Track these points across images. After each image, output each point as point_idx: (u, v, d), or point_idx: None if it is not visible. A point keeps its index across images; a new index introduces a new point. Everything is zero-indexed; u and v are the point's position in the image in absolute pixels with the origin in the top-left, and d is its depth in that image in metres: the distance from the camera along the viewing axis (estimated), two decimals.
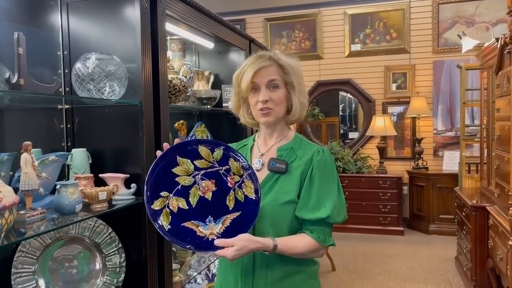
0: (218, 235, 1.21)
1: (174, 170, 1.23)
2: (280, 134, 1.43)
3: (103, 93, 1.63)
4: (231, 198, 1.25)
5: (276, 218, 1.32)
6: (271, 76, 1.35)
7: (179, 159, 1.24)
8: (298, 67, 1.40)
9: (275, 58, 1.37)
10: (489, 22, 5.31)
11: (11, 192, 1.22)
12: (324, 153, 1.37)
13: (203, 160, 1.25)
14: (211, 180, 1.25)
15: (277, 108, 1.36)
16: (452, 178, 5.09)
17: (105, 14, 1.77)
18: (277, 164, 1.36)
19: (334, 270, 4.16)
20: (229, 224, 1.23)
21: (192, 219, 1.22)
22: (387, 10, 5.81)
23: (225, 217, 1.24)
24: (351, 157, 5.73)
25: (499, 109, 3.05)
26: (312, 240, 1.31)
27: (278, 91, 1.36)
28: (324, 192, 1.33)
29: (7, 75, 1.34)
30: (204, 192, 1.23)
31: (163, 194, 1.19)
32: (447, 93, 5.64)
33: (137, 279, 1.74)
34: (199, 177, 1.24)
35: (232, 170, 1.28)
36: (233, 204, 1.25)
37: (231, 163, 1.28)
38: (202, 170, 1.25)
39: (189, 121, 2.86)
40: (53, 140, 1.83)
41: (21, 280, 1.54)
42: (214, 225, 1.22)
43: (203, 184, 1.24)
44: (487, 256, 3.31)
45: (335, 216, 1.33)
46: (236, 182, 1.27)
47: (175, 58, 2.41)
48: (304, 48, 6.18)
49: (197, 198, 1.22)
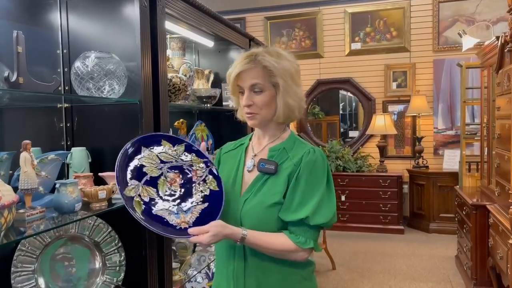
0: (189, 224, 1.25)
1: (141, 161, 1.28)
2: (273, 134, 1.40)
3: (102, 91, 1.63)
4: (197, 190, 1.31)
5: (262, 220, 1.30)
6: (253, 80, 1.31)
7: (145, 150, 1.30)
8: (286, 67, 1.32)
9: (259, 59, 1.31)
10: (489, 21, 5.30)
11: (11, 191, 1.22)
12: (315, 154, 1.33)
13: (167, 154, 1.32)
14: (177, 173, 1.31)
15: (262, 111, 1.33)
16: (453, 176, 5.08)
17: (105, 13, 1.77)
18: (266, 165, 1.33)
19: (335, 269, 4.16)
20: (198, 214, 1.28)
21: (163, 208, 1.26)
22: (387, 9, 5.81)
23: (193, 207, 1.28)
24: (352, 156, 5.73)
25: (500, 108, 3.04)
26: (289, 240, 1.28)
27: (262, 94, 1.32)
28: (309, 193, 1.29)
29: (6, 74, 1.34)
30: (171, 183, 1.29)
31: (133, 182, 1.24)
32: (447, 92, 5.63)
33: (137, 278, 1.74)
34: (165, 169, 1.30)
35: (195, 165, 1.34)
36: (199, 197, 1.30)
37: (193, 159, 1.35)
38: (167, 163, 1.31)
39: (189, 120, 2.86)
40: (52, 139, 1.82)
41: (21, 279, 1.54)
42: (185, 214, 1.27)
43: (170, 176, 1.30)
44: (488, 255, 3.31)
45: (316, 218, 1.27)
46: (199, 176, 1.33)
47: (175, 57, 2.41)
48: (304, 47, 6.17)
49: (165, 189, 1.27)
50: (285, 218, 1.29)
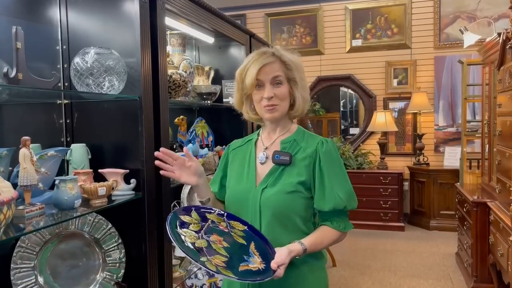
0: (263, 262, 1.28)
1: (188, 239, 1.28)
2: (283, 127, 1.46)
3: (102, 88, 1.62)
4: (237, 236, 1.33)
5: (281, 208, 1.36)
6: (275, 73, 1.37)
7: (182, 231, 1.29)
8: (299, 63, 1.43)
9: (277, 55, 1.39)
10: (491, 17, 5.28)
11: (10, 187, 1.21)
12: (328, 144, 1.41)
13: (193, 224, 1.33)
14: (213, 234, 1.32)
15: (282, 103, 1.39)
16: (453, 174, 5.08)
17: (104, 8, 1.76)
18: (281, 157, 1.39)
19: (335, 266, 4.17)
20: (258, 252, 1.30)
21: (239, 263, 1.26)
22: (388, 5, 5.78)
23: (250, 250, 1.31)
24: (352, 153, 5.72)
25: (501, 105, 3.03)
26: (334, 231, 1.39)
27: (282, 87, 1.38)
28: (336, 182, 1.38)
29: (6, 70, 1.33)
30: (220, 243, 1.31)
31: (203, 259, 1.24)
32: (448, 89, 5.62)
33: (137, 274, 1.74)
34: (205, 236, 1.31)
35: (215, 220, 1.36)
36: (243, 240, 1.33)
37: (209, 216, 1.36)
38: (201, 231, 1.32)
39: (189, 117, 2.85)
40: (52, 135, 1.82)
41: (21, 275, 1.54)
42: (253, 259, 1.29)
43: (213, 239, 1.31)
44: (488, 252, 3.31)
45: (350, 204, 1.40)
46: (225, 226, 1.35)
47: (175, 53, 2.40)
48: (305, 44, 6.16)
49: (223, 250, 1.29)
50: (323, 208, 1.38)
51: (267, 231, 1.35)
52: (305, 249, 1.31)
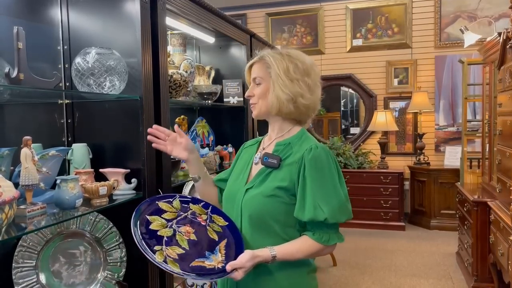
0: (224, 262, 1.28)
1: (152, 227, 1.30)
2: (280, 129, 1.44)
3: (103, 88, 1.63)
4: (211, 231, 1.35)
5: (257, 210, 1.33)
6: (254, 74, 1.42)
7: (150, 218, 1.32)
8: (282, 61, 1.36)
9: (261, 55, 1.42)
10: (491, 17, 5.28)
11: (11, 187, 1.22)
12: (318, 150, 1.32)
13: (168, 212, 1.36)
14: (186, 225, 1.34)
15: (260, 102, 1.41)
16: (454, 173, 5.08)
17: (105, 8, 1.77)
18: (269, 159, 1.37)
19: (335, 265, 4.17)
20: (225, 251, 1.31)
21: (195, 259, 1.27)
22: (389, 5, 5.78)
23: (218, 247, 1.32)
24: (353, 153, 5.72)
25: (501, 104, 3.03)
26: (315, 243, 1.31)
27: (260, 87, 1.40)
28: (319, 192, 1.29)
29: (7, 70, 1.34)
30: (188, 235, 1.32)
31: (157, 248, 1.25)
32: (449, 88, 5.62)
33: (138, 273, 1.75)
34: (174, 226, 1.33)
35: (196, 212, 1.38)
36: (216, 236, 1.34)
37: (192, 207, 1.39)
38: (173, 220, 1.35)
39: (190, 116, 2.86)
40: (53, 135, 1.82)
41: (22, 274, 1.55)
42: (215, 256, 1.29)
43: (183, 230, 1.33)
44: (488, 251, 3.31)
45: (335, 217, 1.29)
46: (205, 219, 1.37)
47: (176, 53, 2.40)
48: (305, 43, 6.16)
49: (186, 242, 1.30)
50: (301, 218, 1.31)
51: (245, 232, 1.35)
52: (274, 256, 1.27)
